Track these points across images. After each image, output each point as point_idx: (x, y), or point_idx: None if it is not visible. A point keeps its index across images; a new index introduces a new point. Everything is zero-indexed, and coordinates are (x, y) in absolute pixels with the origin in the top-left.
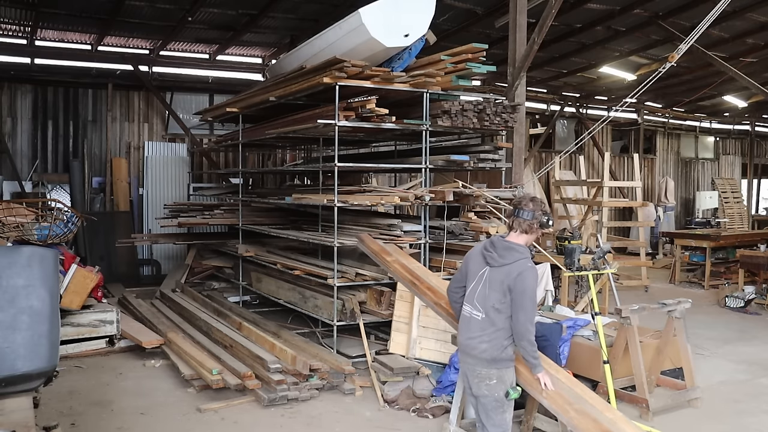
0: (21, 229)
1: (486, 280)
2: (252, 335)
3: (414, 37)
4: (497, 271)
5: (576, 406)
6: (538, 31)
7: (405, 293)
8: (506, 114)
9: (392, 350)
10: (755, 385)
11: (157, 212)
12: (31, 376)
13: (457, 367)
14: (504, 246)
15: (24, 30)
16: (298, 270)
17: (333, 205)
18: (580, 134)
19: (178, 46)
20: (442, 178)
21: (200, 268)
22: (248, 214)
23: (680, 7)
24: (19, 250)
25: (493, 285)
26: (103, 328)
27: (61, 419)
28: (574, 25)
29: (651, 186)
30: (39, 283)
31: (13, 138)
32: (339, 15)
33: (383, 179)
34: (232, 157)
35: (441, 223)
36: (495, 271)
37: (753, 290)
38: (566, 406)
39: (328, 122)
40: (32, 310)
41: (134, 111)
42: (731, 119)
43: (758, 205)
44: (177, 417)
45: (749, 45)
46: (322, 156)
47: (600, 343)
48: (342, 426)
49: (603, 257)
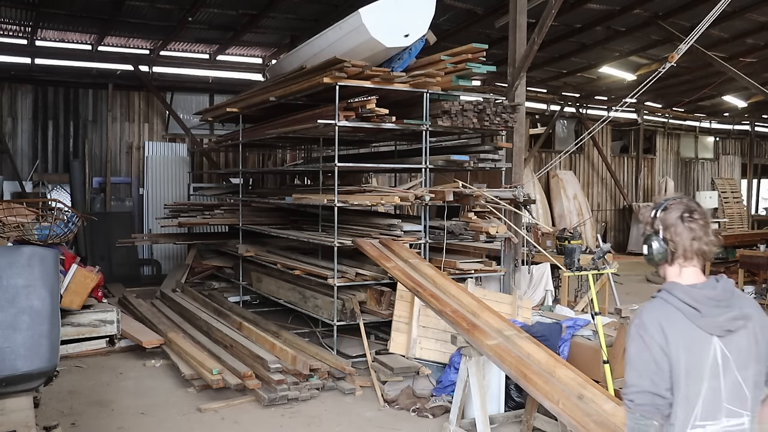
0: (21, 229)
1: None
2: (252, 335)
3: (414, 37)
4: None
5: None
6: (538, 31)
7: (405, 293)
8: (506, 114)
9: (392, 350)
10: None
11: (157, 212)
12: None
13: (457, 367)
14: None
15: (24, 30)
16: (299, 270)
17: (333, 205)
18: (580, 134)
19: (178, 46)
20: (442, 178)
21: (200, 268)
22: (248, 214)
23: (680, 7)
24: (19, 250)
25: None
26: (103, 327)
27: (62, 419)
28: (574, 25)
29: (651, 186)
30: (39, 283)
31: (14, 138)
32: (339, 15)
33: (383, 179)
34: (233, 157)
35: (441, 223)
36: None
37: (753, 290)
38: (585, 418)
39: (328, 122)
40: (33, 310)
41: (134, 111)
42: (731, 119)
43: (758, 205)
44: (177, 417)
45: (749, 45)
46: (322, 156)
47: (600, 343)
48: (342, 426)
49: (603, 257)
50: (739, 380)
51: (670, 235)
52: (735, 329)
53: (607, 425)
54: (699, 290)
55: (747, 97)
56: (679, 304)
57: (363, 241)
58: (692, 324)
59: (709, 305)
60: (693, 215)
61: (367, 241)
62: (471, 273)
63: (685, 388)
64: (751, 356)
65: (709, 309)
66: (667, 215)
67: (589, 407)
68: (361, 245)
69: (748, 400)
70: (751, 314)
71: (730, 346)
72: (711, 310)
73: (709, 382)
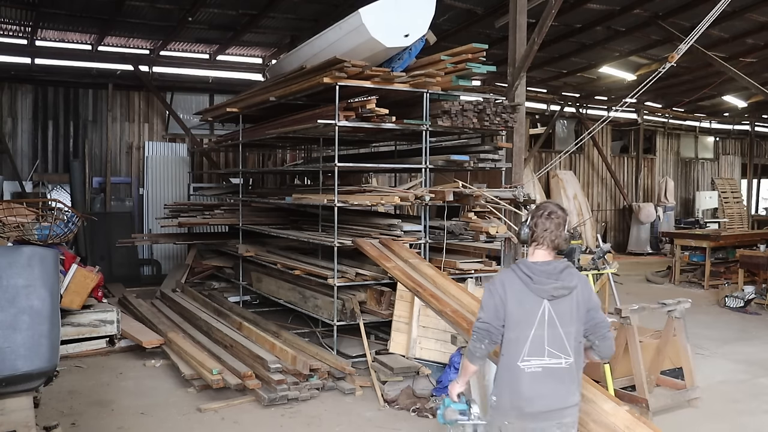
0: (21, 229)
1: (552, 317)
2: (252, 335)
3: (414, 37)
4: (565, 302)
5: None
6: (538, 31)
7: (405, 293)
8: (506, 114)
9: (392, 350)
10: (755, 384)
11: (157, 212)
12: (31, 376)
13: (457, 366)
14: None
15: (24, 30)
16: (298, 270)
17: (333, 205)
18: (580, 134)
19: (178, 46)
20: (442, 178)
21: (200, 268)
22: (248, 214)
23: (680, 7)
24: (19, 250)
25: (568, 319)
26: (103, 327)
27: (62, 419)
28: (574, 25)
29: (651, 186)
30: (39, 283)
31: (14, 138)
32: (339, 15)
33: (383, 179)
34: (233, 157)
35: (441, 223)
36: (561, 303)
37: (753, 290)
38: (585, 418)
39: (328, 122)
40: (33, 310)
41: (134, 111)
42: (731, 119)
43: (758, 205)
44: (177, 417)
45: (749, 45)
46: (322, 156)
47: None
48: (342, 426)
49: (603, 257)
50: (561, 333)
51: (532, 225)
52: (559, 296)
53: (607, 425)
54: (537, 266)
55: (747, 97)
56: (519, 273)
57: (363, 241)
58: (526, 287)
59: (541, 276)
60: (551, 216)
61: (367, 241)
62: (471, 273)
63: (517, 332)
64: (573, 317)
65: (540, 279)
66: (536, 212)
67: (589, 407)
68: (361, 245)
69: (567, 348)
70: (575, 287)
71: (556, 308)
72: (542, 280)
73: (536, 330)
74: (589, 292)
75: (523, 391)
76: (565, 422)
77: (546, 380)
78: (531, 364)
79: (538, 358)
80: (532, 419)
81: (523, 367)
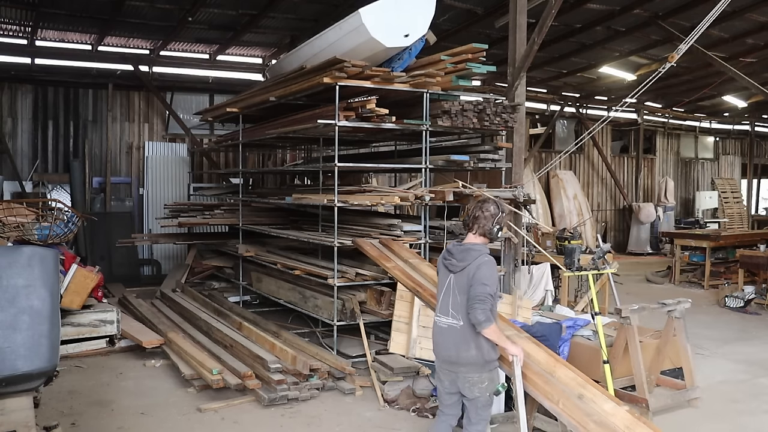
0: (21, 229)
1: (453, 287)
2: (252, 335)
3: (414, 37)
4: (461, 276)
5: (594, 417)
6: (538, 31)
7: (405, 293)
8: (506, 114)
9: (392, 350)
10: (755, 384)
11: (157, 212)
12: (31, 376)
13: None
14: (460, 250)
15: (24, 30)
16: (298, 270)
17: (333, 205)
18: (580, 134)
19: (178, 46)
20: (442, 178)
21: (200, 268)
22: (248, 214)
23: (680, 7)
24: (19, 250)
25: (462, 289)
26: (103, 327)
27: (62, 419)
28: (574, 25)
29: (651, 186)
30: (39, 283)
31: (14, 138)
32: (339, 15)
33: (383, 179)
34: (233, 157)
35: (441, 223)
36: (458, 276)
37: (753, 290)
38: (585, 418)
39: (328, 122)
40: (33, 310)
41: (134, 111)
42: (731, 119)
43: (758, 205)
44: (177, 417)
45: (749, 45)
46: (322, 156)
47: (600, 343)
48: (342, 426)
49: (603, 257)
50: (458, 299)
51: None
52: (457, 271)
53: (607, 425)
54: (456, 247)
55: (747, 97)
56: (444, 251)
57: (363, 241)
58: (443, 261)
59: (449, 254)
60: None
61: (367, 241)
62: None
63: (438, 295)
64: (464, 288)
65: (449, 256)
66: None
67: (589, 407)
68: (361, 245)
69: (461, 311)
70: (469, 265)
71: (457, 279)
72: (450, 257)
73: (444, 295)
74: (477, 270)
75: (436, 340)
76: (468, 377)
77: (447, 334)
78: (440, 320)
79: (444, 316)
80: (440, 362)
81: (436, 321)
